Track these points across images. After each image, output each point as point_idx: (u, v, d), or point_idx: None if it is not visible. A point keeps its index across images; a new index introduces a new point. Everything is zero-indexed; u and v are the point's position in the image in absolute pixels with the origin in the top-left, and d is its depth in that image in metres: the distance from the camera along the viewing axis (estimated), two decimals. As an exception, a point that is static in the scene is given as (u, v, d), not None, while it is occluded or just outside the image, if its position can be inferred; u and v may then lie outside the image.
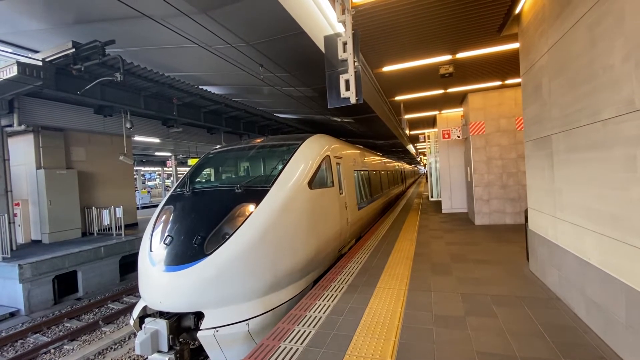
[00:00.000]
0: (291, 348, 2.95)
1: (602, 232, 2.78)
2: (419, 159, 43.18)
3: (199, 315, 3.89)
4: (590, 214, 2.96)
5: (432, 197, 14.65)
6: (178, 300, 3.74)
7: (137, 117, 10.81)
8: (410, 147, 23.63)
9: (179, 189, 5.14)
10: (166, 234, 4.19)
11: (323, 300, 3.97)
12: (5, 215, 8.09)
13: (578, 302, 3.30)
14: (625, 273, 2.50)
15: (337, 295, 4.13)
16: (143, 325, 3.81)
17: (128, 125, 9.62)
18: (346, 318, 3.49)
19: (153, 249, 4.12)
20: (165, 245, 4.04)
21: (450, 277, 4.58)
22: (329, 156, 5.96)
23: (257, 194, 4.44)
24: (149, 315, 4.02)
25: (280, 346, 2.99)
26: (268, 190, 4.48)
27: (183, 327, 3.98)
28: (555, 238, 3.78)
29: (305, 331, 3.24)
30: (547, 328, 3.09)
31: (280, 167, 4.97)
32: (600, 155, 2.76)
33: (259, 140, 6.34)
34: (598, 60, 2.72)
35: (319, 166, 5.41)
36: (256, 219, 4.13)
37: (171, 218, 4.47)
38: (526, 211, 4.86)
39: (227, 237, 3.95)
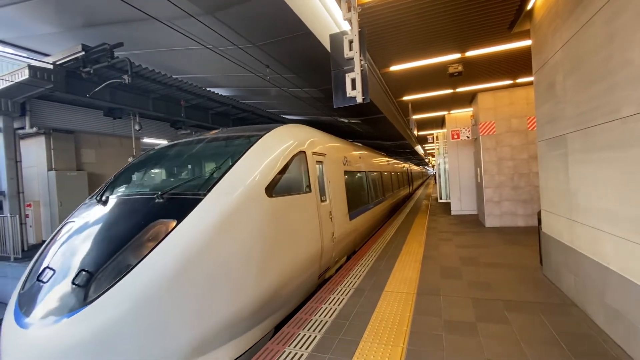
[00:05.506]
0: (296, 353, 2.88)
1: (622, 236, 2.65)
2: (427, 160, 42.79)
3: None
4: (609, 216, 2.83)
5: (440, 198, 14.48)
6: None
7: (145, 119, 10.92)
8: (419, 148, 23.42)
9: (94, 198, 3.87)
10: (47, 265, 2.96)
11: (329, 304, 3.89)
12: (17, 216, 8.24)
13: (596, 309, 3.15)
14: (648, 279, 2.37)
15: (343, 299, 4.04)
16: None
17: (137, 127, 9.74)
18: (353, 322, 3.41)
19: (26, 287, 2.92)
20: (40, 284, 2.80)
21: (460, 281, 4.46)
22: (303, 152, 4.68)
23: (184, 205, 3.17)
24: None
25: (285, 351, 2.93)
26: (201, 199, 3.20)
27: None
28: (570, 241, 3.64)
29: (310, 336, 3.17)
30: (563, 336, 2.96)
31: (226, 166, 3.65)
32: (619, 154, 2.63)
33: (213, 132, 5.06)
34: (616, 55, 2.60)
35: (287, 165, 4.14)
36: (176, 243, 2.84)
37: (63, 240, 3.24)
38: (539, 213, 4.71)
39: (127, 271, 2.66)
